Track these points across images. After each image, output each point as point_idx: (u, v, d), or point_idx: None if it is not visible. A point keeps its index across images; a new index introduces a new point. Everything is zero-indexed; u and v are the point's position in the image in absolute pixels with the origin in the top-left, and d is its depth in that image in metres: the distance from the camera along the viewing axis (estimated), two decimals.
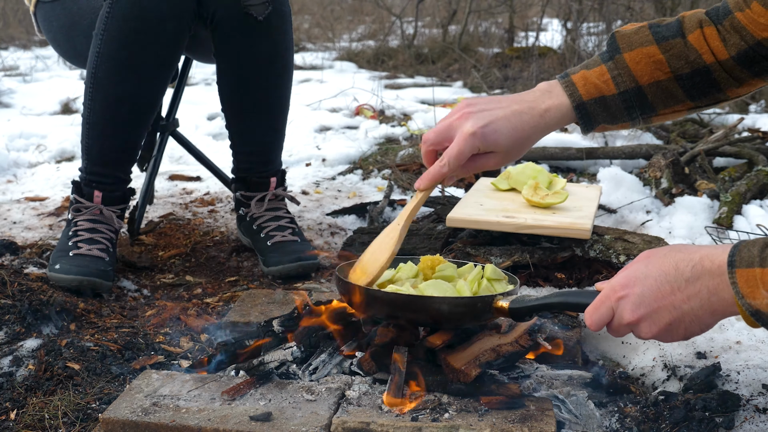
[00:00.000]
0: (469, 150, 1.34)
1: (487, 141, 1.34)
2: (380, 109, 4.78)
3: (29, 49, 8.19)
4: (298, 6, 10.10)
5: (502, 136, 1.34)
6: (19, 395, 1.57)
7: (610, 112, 1.38)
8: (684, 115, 1.43)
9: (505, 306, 1.38)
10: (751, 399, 1.48)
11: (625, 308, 1.15)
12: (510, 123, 1.34)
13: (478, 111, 1.35)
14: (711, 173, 3.07)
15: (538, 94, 1.38)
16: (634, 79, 1.36)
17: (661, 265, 1.12)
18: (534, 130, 1.36)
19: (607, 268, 2.11)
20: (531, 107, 1.36)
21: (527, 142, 1.37)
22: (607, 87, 1.37)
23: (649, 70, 1.36)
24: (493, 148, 1.36)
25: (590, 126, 1.39)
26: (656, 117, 1.40)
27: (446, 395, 1.40)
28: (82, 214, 2.17)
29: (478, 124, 1.33)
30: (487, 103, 1.37)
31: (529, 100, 1.37)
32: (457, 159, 1.35)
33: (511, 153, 1.37)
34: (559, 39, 7.03)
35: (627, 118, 1.39)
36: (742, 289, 1.03)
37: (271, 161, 2.38)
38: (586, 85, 1.37)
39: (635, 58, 1.36)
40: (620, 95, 1.36)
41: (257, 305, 1.90)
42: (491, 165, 1.39)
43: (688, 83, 1.36)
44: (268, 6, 2.14)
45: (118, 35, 2.05)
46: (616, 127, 1.41)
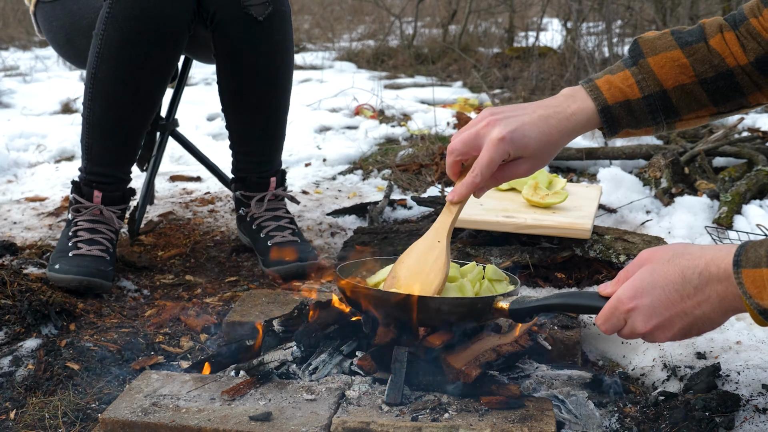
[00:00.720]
0: (499, 156, 1.33)
1: (516, 146, 1.32)
2: (380, 109, 4.78)
3: (29, 49, 8.19)
4: (298, 6, 10.10)
5: (532, 141, 1.33)
6: (19, 395, 1.57)
7: (635, 117, 1.38)
8: (706, 121, 1.42)
9: (505, 307, 1.38)
10: (751, 399, 1.48)
11: (637, 320, 1.15)
12: (538, 127, 1.33)
13: (504, 117, 1.34)
14: (711, 173, 3.07)
15: (562, 99, 1.38)
16: (659, 83, 1.36)
17: (667, 273, 1.12)
18: (561, 134, 1.35)
19: (607, 268, 2.11)
20: (557, 111, 1.36)
21: (555, 147, 1.36)
22: (632, 91, 1.37)
23: (673, 74, 1.36)
24: (523, 153, 1.34)
25: (615, 130, 1.38)
26: (680, 122, 1.40)
27: (446, 395, 1.40)
28: (82, 214, 2.17)
29: (507, 129, 1.32)
30: (512, 110, 1.36)
31: (553, 105, 1.37)
32: (489, 167, 1.33)
33: (539, 158, 1.36)
34: (559, 39, 7.03)
35: (651, 122, 1.39)
36: (749, 289, 1.03)
37: (271, 161, 2.38)
38: (610, 89, 1.37)
39: (659, 62, 1.36)
40: (645, 99, 1.36)
41: (257, 305, 1.90)
42: (521, 172, 1.37)
43: (712, 87, 1.36)
44: (268, 6, 2.14)
45: (118, 35, 2.05)
46: (640, 131, 1.40)
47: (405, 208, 2.81)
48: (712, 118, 1.41)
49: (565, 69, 5.64)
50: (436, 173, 3.28)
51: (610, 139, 1.42)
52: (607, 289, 1.23)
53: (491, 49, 7.27)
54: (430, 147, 3.68)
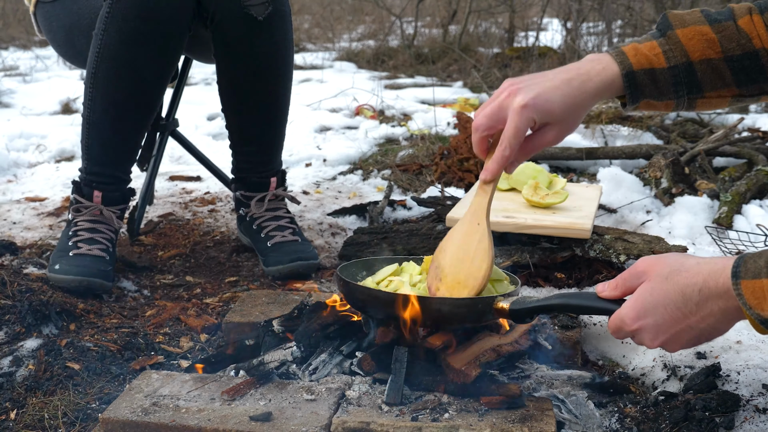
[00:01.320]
0: (525, 124, 1.30)
1: (540, 111, 1.30)
2: (380, 109, 4.78)
3: (29, 49, 8.19)
4: (298, 6, 10.10)
5: (556, 104, 1.30)
6: (19, 395, 1.57)
7: (658, 87, 1.36)
8: (727, 103, 1.40)
9: (505, 307, 1.37)
10: (751, 399, 1.48)
11: (644, 338, 1.16)
12: (561, 90, 1.31)
13: (526, 85, 1.31)
14: (711, 173, 3.07)
15: (586, 62, 1.36)
16: (686, 53, 1.35)
17: (667, 292, 1.12)
18: (585, 95, 1.33)
19: (607, 268, 2.11)
20: (579, 74, 1.34)
21: (580, 109, 1.34)
22: (658, 60, 1.35)
23: (701, 47, 1.35)
24: (548, 119, 1.32)
25: (637, 97, 1.36)
26: (701, 100, 1.38)
27: (446, 395, 1.40)
28: (82, 214, 2.17)
29: (529, 96, 1.29)
30: (532, 77, 1.34)
31: (576, 68, 1.35)
32: (516, 137, 1.30)
33: (566, 123, 1.34)
34: (559, 39, 7.03)
35: (673, 95, 1.37)
36: (748, 300, 1.03)
37: (271, 161, 2.38)
38: (636, 55, 1.35)
39: (688, 35, 1.35)
40: (670, 69, 1.35)
41: (257, 305, 1.90)
42: (549, 139, 1.34)
43: (737, 65, 1.35)
44: (267, 6, 2.14)
45: (118, 35, 2.05)
46: (661, 105, 1.38)
47: (405, 209, 2.81)
48: (734, 100, 1.40)
49: None
50: (436, 173, 3.28)
51: (630, 110, 1.39)
52: (605, 291, 1.23)
53: (491, 49, 7.27)
54: (430, 147, 3.68)
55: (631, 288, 1.19)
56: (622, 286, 1.20)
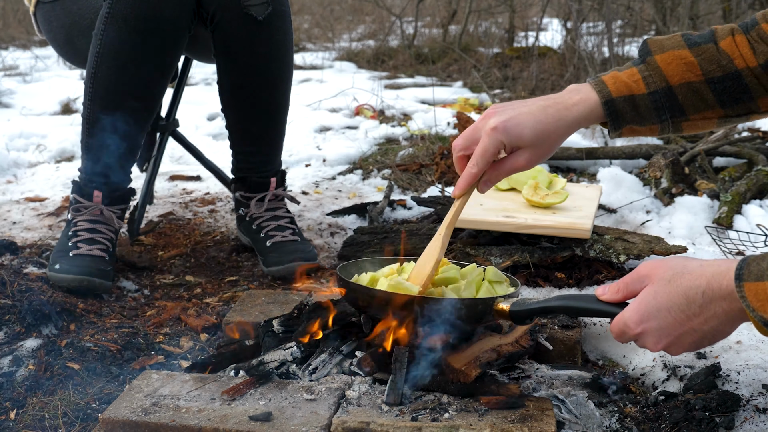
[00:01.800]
0: (492, 145, 1.35)
1: (510, 134, 1.34)
2: (380, 109, 4.78)
3: (29, 49, 8.18)
4: (298, 6, 10.09)
5: (526, 129, 1.34)
6: (19, 395, 1.57)
7: (639, 112, 1.37)
8: (714, 124, 1.41)
9: (506, 308, 1.37)
10: (751, 399, 1.48)
11: (647, 341, 1.17)
12: (534, 116, 1.35)
13: (503, 110, 1.36)
14: (711, 173, 3.07)
15: (566, 92, 1.39)
16: (665, 78, 1.36)
17: (670, 295, 1.12)
18: (559, 123, 1.35)
19: (607, 268, 2.11)
20: (557, 102, 1.37)
21: (552, 137, 1.36)
22: (638, 86, 1.37)
23: (680, 71, 1.36)
24: (518, 143, 1.35)
25: (618, 124, 1.38)
26: (686, 123, 1.39)
27: (446, 395, 1.40)
28: (82, 214, 2.17)
29: (501, 119, 1.34)
30: (513, 103, 1.38)
31: (555, 97, 1.39)
32: (483, 156, 1.36)
33: (538, 148, 1.37)
34: (559, 39, 7.03)
35: (656, 120, 1.38)
36: (752, 302, 1.04)
37: (271, 161, 2.38)
38: (616, 83, 1.37)
39: (667, 60, 1.37)
40: (650, 95, 1.37)
41: (257, 305, 1.90)
42: (520, 163, 1.38)
43: (719, 87, 1.36)
44: (267, 6, 2.14)
45: (118, 35, 2.05)
46: (645, 130, 1.40)
47: (405, 208, 2.81)
48: (721, 121, 1.40)
49: (565, 69, 5.64)
50: (436, 173, 3.28)
51: (614, 137, 1.42)
52: (606, 295, 1.23)
53: (491, 49, 7.27)
54: (430, 147, 3.68)
55: (633, 292, 1.19)
56: (624, 290, 1.21)
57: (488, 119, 1.36)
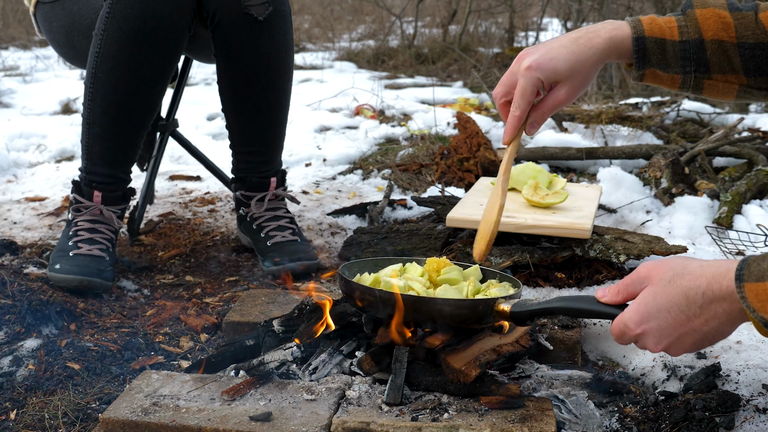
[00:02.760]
0: (530, 84, 1.36)
1: (545, 70, 1.35)
2: (380, 109, 4.78)
3: (29, 49, 8.19)
4: (298, 6, 10.10)
5: (560, 62, 1.35)
6: (19, 395, 1.57)
7: (666, 58, 1.38)
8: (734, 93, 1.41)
9: (506, 309, 1.37)
10: (751, 399, 1.48)
11: (647, 342, 1.17)
12: (566, 48, 1.36)
13: (535, 49, 1.38)
14: (711, 173, 3.07)
15: (600, 24, 1.41)
16: (699, 31, 1.37)
17: (670, 296, 1.12)
18: (591, 51, 1.36)
19: (607, 268, 2.11)
20: (588, 32, 1.38)
21: (587, 64, 1.37)
22: (671, 32, 1.38)
23: (715, 27, 1.37)
24: (554, 77, 1.36)
25: (643, 64, 1.39)
26: (708, 81, 1.40)
27: (446, 395, 1.40)
28: (82, 214, 2.17)
29: (533, 57, 1.35)
30: (545, 42, 1.40)
31: (588, 28, 1.40)
32: (523, 97, 1.37)
33: (575, 79, 1.37)
34: None
35: (680, 70, 1.39)
36: (752, 303, 1.03)
37: (271, 161, 2.38)
38: (651, 24, 1.38)
39: (705, 14, 1.38)
40: (681, 44, 1.38)
41: (257, 305, 1.90)
42: (562, 97, 1.39)
43: (748, 53, 1.37)
44: (268, 6, 2.14)
45: (118, 35, 2.05)
46: (667, 77, 1.40)
47: (405, 208, 2.81)
48: (741, 90, 1.41)
49: None
50: (436, 173, 3.28)
51: (636, 78, 1.42)
52: (606, 297, 1.23)
53: (491, 49, 7.27)
54: (430, 147, 3.68)
55: (633, 293, 1.19)
56: (624, 291, 1.21)
57: (522, 60, 1.37)
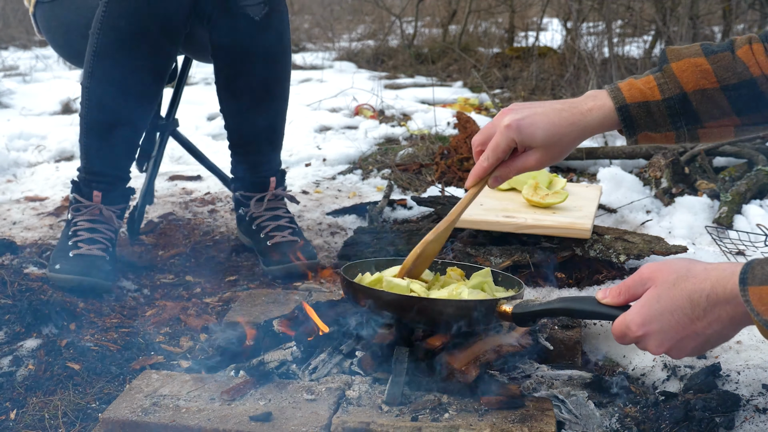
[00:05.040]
0: (504, 142, 1.37)
1: (522, 133, 1.36)
2: (380, 109, 4.78)
3: (29, 49, 8.18)
4: (298, 6, 10.09)
5: (539, 129, 1.36)
6: (19, 395, 1.57)
7: (654, 119, 1.38)
8: (731, 134, 1.41)
9: (508, 310, 1.38)
10: (751, 399, 1.48)
11: (649, 344, 1.17)
12: (548, 118, 1.37)
13: (519, 109, 1.39)
14: (711, 173, 3.07)
15: (582, 98, 1.42)
16: (680, 85, 1.37)
17: (674, 298, 1.12)
18: (573, 127, 1.37)
19: (607, 268, 2.11)
20: (572, 106, 1.39)
21: (565, 140, 1.38)
22: (652, 93, 1.38)
23: (694, 78, 1.37)
24: (530, 142, 1.37)
25: (633, 131, 1.39)
26: (702, 130, 1.40)
27: (446, 395, 1.40)
28: (82, 213, 2.17)
29: (515, 118, 1.37)
30: (531, 104, 1.41)
31: (571, 101, 1.41)
32: (494, 152, 1.39)
33: (549, 150, 1.38)
34: (559, 39, 7.03)
35: (671, 127, 1.39)
36: (756, 306, 1.03)
37: (271, 161, 2.38)
38: (630, 89, 1.39)
39: (682, 67, 1.38)
40: (665, 101, 1.37)
41: (257, 305, 1.90)
42: (531, 163, 1.40)
43: (734, 94, 1.36)
44: (264, 6, 2.14)
45: (114, 34, 2.05)
46: (660, 137, 1.41)
47: (405, 208, 2.81)
48: (738, 130, 1.40)
49: (565, 69, 5.64)
50: (435, 173, 3.28)
51: (631, 143, 1.43)
52: (607, 298, 1.23)
53: (491, 49, 7.27)
54: (430, 147, 3.68)
55: (635, 295, 1.19)
56: (625, 293, 1.20)
57: (504, 116, 1.38)
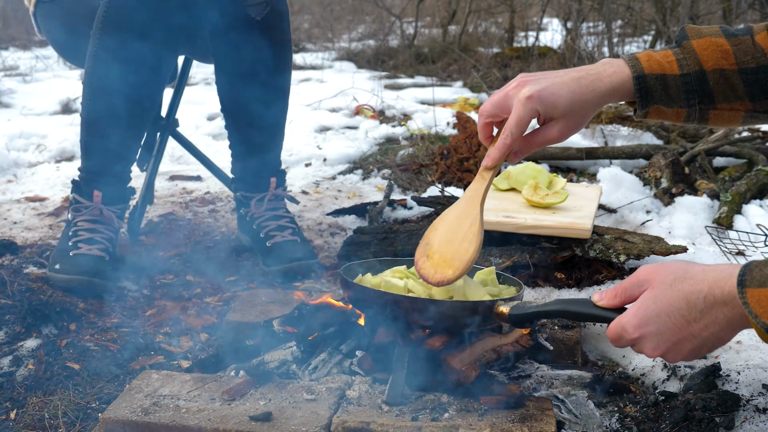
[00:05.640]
0: (528, 115, 1.31)
1: (545, 104, 1.31)
2: (380, 109, 4.78)
3: (29, 49, 8.19)
4: (298, 6, 10.10)
5: (561, 98, 1.32)
6: (19, 395, 1.57)
7: (669, 93, 1.36)
8: (740, 120, 1.40)
9: (505, 312, 1.37)
10: (751, 399, 1.48)
11: (645, 346, 1.15)
12: (568, 86, 1.33)
13: (535, 79, 1.34)
14: (711, 173, 3.07)
15: (599, 65, 1.38)
16: (699, 62, 1.36)
17: (671, 299, 1.11)
18: (593, 94, 1.34)
19: (607, 268, 2.11)
20: (589, 73, 1.35)
21: (586, 107, 1.34)
22: (671, 67, 1.36)
23: (714, 57, 1.35)
24: (552, 113, 1.33)
25: (647, 102, 1.36)
26: (714, 111, 1.38)
27: (446, 395, 1.40)
28: (82, 213, 2.17)
29: (536, 88, 1.31)
30: (544, 73, 1.36)
31: (587, 68, 1.37)
32: (518, 126, 1.32)
33: (571, 119, 1.34)
34: (559, 39, 7.03)
35: (684, 103, 1.37)
36: (754, 308, 1.03)
37: (271, 161, 2.38)
38: (649, 60, 1.36)
39: (703, 45, 1.36)
40: (682, 77, 1.36)
41: (257, 305, 1.90)
42: (553, 135, 1.35)
43: (751, 78, 1.35)
44: (265, 6, 2.14)
45: (115, 34, 2.05)
46: (672, 112, 1.38)
47: (405, 208, 2.81)
48: (746, 116, 1.39)
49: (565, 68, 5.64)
50: (436, 173, 3.28)
51: (640, 116, 1.40)
52: (603, 301, 1.22)
53: (491, 49, 7.28)
54: (430, 147, 3.68)
55: (631, 297, 1.18)
56: (622, 294, 1.19)
57: (521, 88, 1.33)
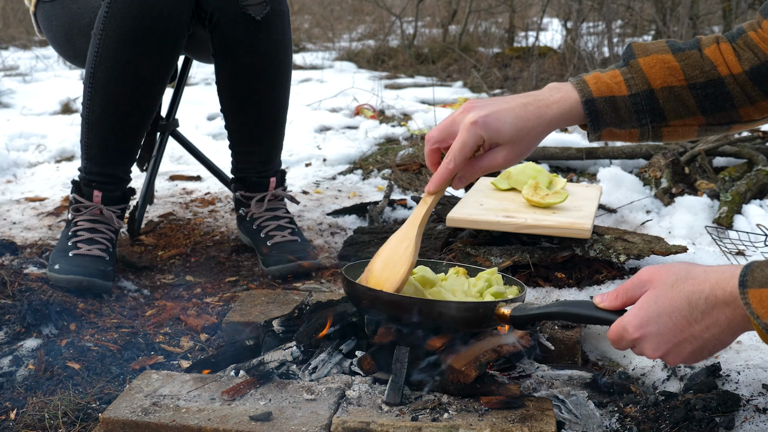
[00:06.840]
0: (472, 140, 1.31)
1: (489, 130, 1.31)
2: (380, 109, 4.78)
3: (29, 49, 8.18)
4: (298, 6, 10.10)
5: (506, 125, 1.31)
6: (19, 395, 1.57)
7: (619, 115, 1.36)
8: (694, 133, 1.40)
9: (507, 313, 1.37)
10: (751, 399, 1.48)
11: (645, 347, 1.15)
12: (514, 113, 1.32)
13: (482, 105, 1.34)
14: (711, 173, 3.07)
15: (546, 90, 1.37)
16: (647, 81, 1.35)
17: (672, 300, 1.10)
18: (539, 120, 1.33)
19: (607, 268, 2.11)
20: (537, 99, 1.35)
21: (532, 134, 1.34)
22: (619, 88, 1.35)
23: (662, 75, 1.35)
24: (497, 139, 1.32)
25: (597, 125, 1.36)
26: (666, 128, 1.38)
27: (446, 395, 1.40)
28: (82, 214, 2.17)
29: (480, 114, 1.31)
30: (492, 99, 1.36)
31: (535, 94, 1.37)
32: (461, 152, 1.32)
33: (516, 146, 1.34)
34: (559, 39, 7.03)
35: (636, 123, 1.37)
36: (756, 309, 1.02)
37: (271, 161, 2.38)
38: (597, 83, 1.36)
39: (650, 63, 1.36)
40: (631, 97, 1.35)
41: (257, 305, 1.90)
42: (498, 161, 1.35)
43: (701, 93, 1.35)
44: (266, 6, 2.14)
45: (116, 35, 2.05)
46: (624, 133, 1.38)
47: (405, 208, 2.81)
48: (701, 130, 1.39)
49: (565, 69, 5.64)
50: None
51: (593, 139, 1.41)
52: (604, 302, 1.21)
53: (491, 49, 7.27)
54: None
55: (633, 298, 1.17)
56: (623, 296, 1.19)
57: (467, 113, 1.32)
